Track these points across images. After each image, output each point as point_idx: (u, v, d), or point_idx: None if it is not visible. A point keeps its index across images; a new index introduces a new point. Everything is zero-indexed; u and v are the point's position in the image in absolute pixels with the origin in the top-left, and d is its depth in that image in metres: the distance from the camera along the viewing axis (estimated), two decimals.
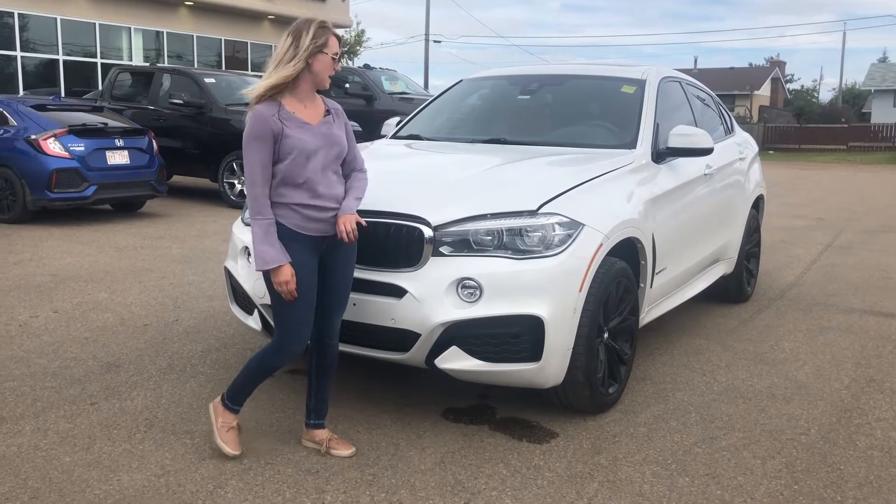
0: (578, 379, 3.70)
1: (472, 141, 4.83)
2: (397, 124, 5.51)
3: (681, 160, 4.84)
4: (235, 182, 11.44)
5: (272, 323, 3.44)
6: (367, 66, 15.88)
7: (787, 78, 63.53)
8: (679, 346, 5.14)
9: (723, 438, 3.70)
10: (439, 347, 3.53)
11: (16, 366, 4.46)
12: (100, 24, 20.11)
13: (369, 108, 14.87)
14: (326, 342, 3.44)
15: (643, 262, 4.24)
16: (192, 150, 11.81)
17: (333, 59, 3.26)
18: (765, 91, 55.98)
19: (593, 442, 3.63)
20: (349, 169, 3.40)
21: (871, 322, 5.90)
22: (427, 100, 15.19)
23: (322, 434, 3.49)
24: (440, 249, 3.53)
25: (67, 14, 19.32)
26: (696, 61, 62.58)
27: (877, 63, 60.28)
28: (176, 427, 3.66)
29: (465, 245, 3.54)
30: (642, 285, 4.26)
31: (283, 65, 3.15)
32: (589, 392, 3.79)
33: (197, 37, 22.30)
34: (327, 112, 3.31)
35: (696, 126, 5.45)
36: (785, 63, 61.13)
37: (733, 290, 6.25)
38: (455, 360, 3.53)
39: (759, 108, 47.60)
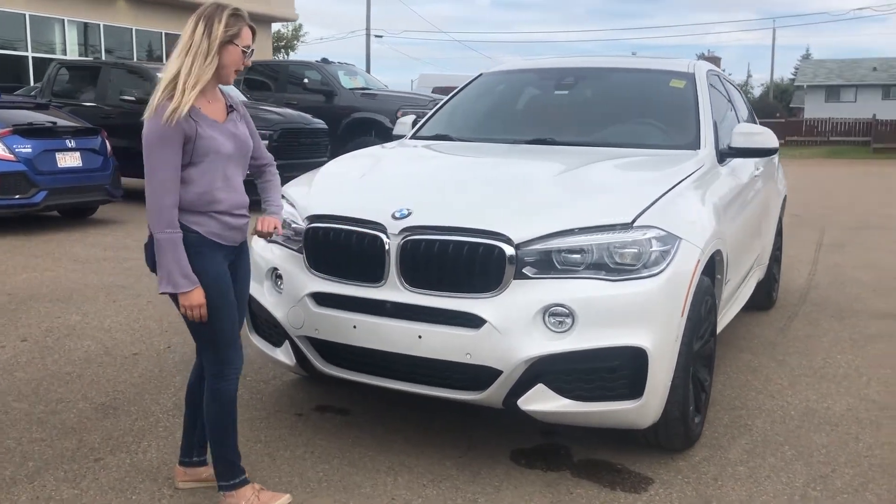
0: (674, 415, 3.24)
1: (515, 141, 4.30)
2: (414, 123, 4.95)
3: (736, 161, 4.43)
4: None
5: (207, 346, 2.83)
6: (325, 61, 15.16)
7: None
8: (729, 363, 4.72)
9: (834, 477, 3.28)
10: (522, 386, 3.01)
11: None
12: (30, 15, 18.85)
13: (329, 105, 14.19)
14: None
15: (718, 277, 3.80)
16: None
17: (244, 52, 2.79)
18: None
19: (695, 487, 3.17)
20: (259, 164, 3.04)
21: None
22: (390, 95, 14.70)
23: (209, 470, 3.03)
24: (523, 271, 3.00)
25: None
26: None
27: (806, 59, 62.01)
28: (206, 486, 3.04)
29: (550, 265, 3.03)
30: (717, 302, 3.82)
31: (200, 57, 2.67)
32: (683, 428, 3.33)
33: (136, 30, 21.17)
34: (230, 108, 2.85)
35: (738, 121, 5.07)
36: (720, 59, 62.15)
37: (762, 296, 5.89)
38: (541, 401, 3.02)
39: None
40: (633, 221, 3.10)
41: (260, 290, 3.53)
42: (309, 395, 4.06)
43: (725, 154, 4.23)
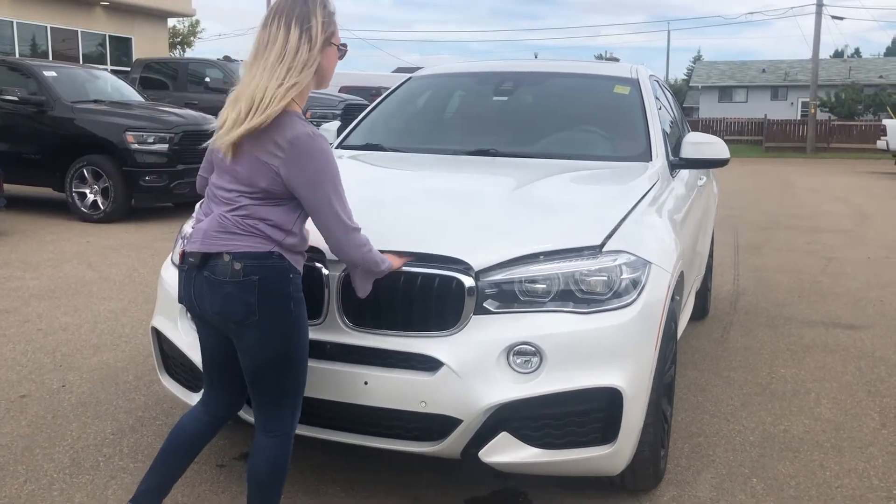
0: (645, 456, 2.96)
1: (455, 152, 3.95)
2: (339, 130, 4.52)
3: (683, 172, 4.22)
4: (87, 191, 9.83)
5: (284, 401, 2.46)
6: (227, 59, 14.45)
7: None
8: (676, 381, 4.50)
9: None
10: (484, 435, 2.66)
11: None
12: None
13: None
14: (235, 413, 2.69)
15: (677, 298, 3.55)
16: (31, 154, 10.10)
17: (340, 51, 2.43)
18: None
19: None
20: None
21: (843, 337, 5.56)
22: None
23: None
24: (484, 304, 2.65)
25: None
26: (535, 57, 63.92)
27: (699, 61, 64.29)
28: None
29: (513, 297, 2.69)
30: (677, 326, 3.58)
31: (300, 64, 2.29)
32: (653, 469, 3.06)
33: (17, 23, 19.72)
34: None
35: (680, 128, 4.88)
36: (619, 60, 63.71)
37: (697, 306, 5.74)
38: (505, 451, 2.67)
39: None
40: (602, 245, 2.79)
41: (173, 328, 3.06)
42: (230, 440, 3.59)
43: (675, 165, 4.00)
